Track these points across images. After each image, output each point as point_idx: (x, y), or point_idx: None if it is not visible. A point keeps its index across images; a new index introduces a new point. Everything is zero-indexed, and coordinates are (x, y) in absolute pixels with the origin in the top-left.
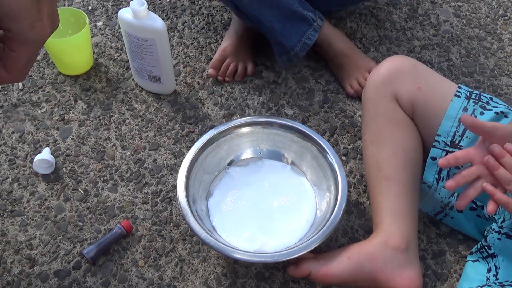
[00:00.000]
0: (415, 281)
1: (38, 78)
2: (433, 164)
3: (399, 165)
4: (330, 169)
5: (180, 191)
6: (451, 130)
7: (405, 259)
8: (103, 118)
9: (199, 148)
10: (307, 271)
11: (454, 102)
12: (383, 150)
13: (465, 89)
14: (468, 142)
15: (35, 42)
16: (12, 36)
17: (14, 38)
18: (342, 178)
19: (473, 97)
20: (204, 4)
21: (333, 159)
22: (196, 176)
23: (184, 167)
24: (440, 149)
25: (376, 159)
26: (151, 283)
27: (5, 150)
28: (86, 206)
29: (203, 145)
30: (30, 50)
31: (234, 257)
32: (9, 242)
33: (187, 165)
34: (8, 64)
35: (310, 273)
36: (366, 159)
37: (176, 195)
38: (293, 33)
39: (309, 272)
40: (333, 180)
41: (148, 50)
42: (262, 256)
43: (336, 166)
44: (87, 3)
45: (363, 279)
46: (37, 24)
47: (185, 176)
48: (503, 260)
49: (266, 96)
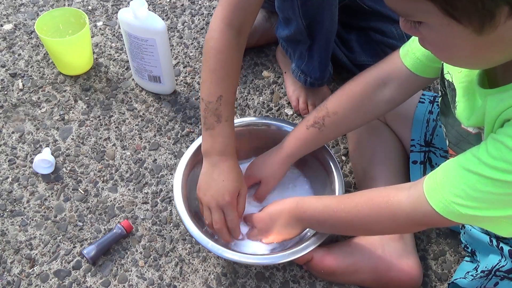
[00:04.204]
0: (415, 269)
1: (38, 78)
2: (416, 167)
3: (381, 165)
4: (327, 170)
5: (176, 190)
6: (422, 132)
7: (402, 248)
8: (103, 118)
9: (197, 147)
10: (309, 255)
11: (419, 107)
12: (365, 155)
13: (428, 95)
14: (439, 140)
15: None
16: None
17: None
18: (339, 179)
19: (437, 101)
20: (204, 4)
21: (330, 161)
22: (194, 177)
23: (181, 166)
24: (418, 152)
25: (361, 166)
26: (151, 283)
27: (5, 150)
28: (86, 206)
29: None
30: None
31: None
32: (9, 242)
33: (185, 164)
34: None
35: (312, 258)
36: (354, 166)
37: (173, 194)
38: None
39: (311, 257)
40: (330, 180)
41: (148, 50)
42: (258, 258)
43: (333, 167)
44: (87, 3)
45: (363, 269)
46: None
47: (182, 175)
48: (479, 252)
49: (266, 96)
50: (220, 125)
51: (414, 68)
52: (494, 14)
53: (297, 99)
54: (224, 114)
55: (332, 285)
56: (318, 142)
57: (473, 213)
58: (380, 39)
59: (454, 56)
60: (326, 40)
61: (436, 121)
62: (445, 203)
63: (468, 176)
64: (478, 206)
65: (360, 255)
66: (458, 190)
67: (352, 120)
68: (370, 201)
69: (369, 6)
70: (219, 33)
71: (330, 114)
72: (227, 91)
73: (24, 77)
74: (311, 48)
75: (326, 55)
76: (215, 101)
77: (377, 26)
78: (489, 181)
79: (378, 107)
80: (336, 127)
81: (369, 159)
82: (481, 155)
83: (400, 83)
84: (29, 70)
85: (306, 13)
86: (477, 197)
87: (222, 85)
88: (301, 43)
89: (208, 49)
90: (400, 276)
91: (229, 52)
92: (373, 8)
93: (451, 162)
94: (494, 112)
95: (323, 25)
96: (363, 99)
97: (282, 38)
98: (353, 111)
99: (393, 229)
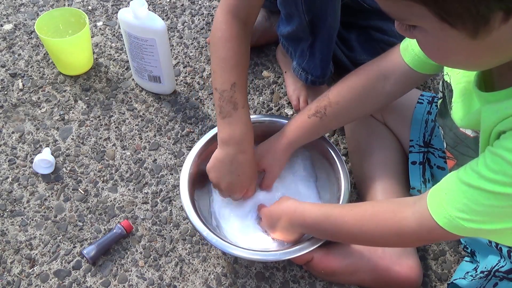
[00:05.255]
0: (415, 270)
1: (38, 78)
2: (415, 168)
3: (380, 165)
4: (332, 169)
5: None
6: (420, 132)
7: (402, 248)
8: (103, 118)
9: (205, 142)
10: (310, 256)
11: (417, 108)
12: (364, 156)
13: (427, 95)
14: (437, 141)
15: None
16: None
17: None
18: (345, 178)
19: (435, 101)
20: (204, 4)
21: (336, 159)
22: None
23: (188, 162)
24: (416, 153)
25: (360, 166)
26: (151, 283)
27: (5, 150)
28: (86, 206)
29: (209, 139)
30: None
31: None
32: (9, 242)
33: (191, 160)
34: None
35: (312, 259)
36: (353, 166)
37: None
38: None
39: (312, 257)
40: (336, 180)
41: (148, 50)
42: (264, 255)
43: (339, 166)
44: (87, 3)
45: (363, 269)
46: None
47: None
48: (478, 252)
49: (266, 96)
50: (237, 112)
51: (412, 64)
52: (488, 19)
53: (297, 99)
54: (240, 101)
55: (332, 285)
56: (319, 131)
57: (477, 227)
58: (380, 38)
59: (448, 60)
60: (328, 37)
61: (435, 121)
62: (449, 218)
63: (469, 191)
64: (481, 219)
65: (360, 255)
66: (461, 205)
67: (353, 111)
68: (376, 217)
69: (370, 5)
70: (225, 24)
71: (332, 104)
72: (240, 78)
73: (24, 77)
74: (312, 46)
75: (328, 52)
76: (230, 89)
77: (378, 24)
78: (490, 195)
79: (378, 99)
80: (337, 117)
81: (368, 159)
82: (481, 169)
83: (399, 77)
84: (29, 70)
85: (309, 9)
86: (480, 211)
87: (235, 72)
88: (303, 41)
89: (216, 40)
90: (400, 276)
91: (238, 40)
92: (374, 6)
93: (452, 177)
94: (489, 123)
95: (326, 22)
96: (364, 91)
97: (283, 35)
98: (354, 102)
99: (398, 243)
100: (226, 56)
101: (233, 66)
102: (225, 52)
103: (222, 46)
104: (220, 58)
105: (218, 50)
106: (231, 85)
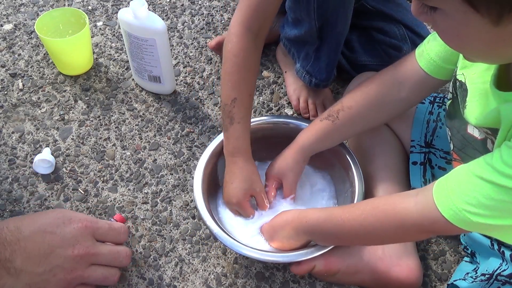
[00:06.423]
0: (415, 271)
1: (38, 78)
2: (416, 168)
3: (381, 165)
4: (346, 170)
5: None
6: (422, 132)
7: (402, 248)
8: (103, 118)
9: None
10: (312, 265)
11: (419, 108)
12: (365, 156)
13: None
14: (439, 141)
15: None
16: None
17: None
18: (359, 179)
19: (437, 101)
20: (204, 4)
21: (350, 161)
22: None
23: (204, 158)
24: (417, 153)
25: (361, 166)
26: (151, 283)
27: (5, 150)
28: (86, 206)
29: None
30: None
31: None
32: None
33: (207, 157)
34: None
35: (314, 267)
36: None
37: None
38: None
39: (314, 266)
40: (349, 181)
41: (148, 50)
42: (275, 256)
43: (353, 167)
44: (87, 3)
45: (363, 269)
46: None
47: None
48: (479, 254)
49: (266, 96)
50: (232, 127)
51: (428, 69)
52: None
53: (297, 99)
54: (237, 116)
55: (332, 286)
56: (333, 136)
57: (484, 221)
58: (382, 39)
59: (466, 46)
60: (336, 42)
61: (437, 122)
62: (455, 210)
63: (481, 184)
64: (490, 214)
65: (360, 256)
66: (470, 198)
67: (367, 116)
68: (376, 209)
69: (373, 6)
70: (237, 36)
71: (345, 108)
72: (242, 93)
73: (24, 77)
74: (318, 50)
75: (334, 57)
76: (230, 104)
77: (380, 26)
78: (502, 190)
79: (393, 106)
80: (351, 122)
81: (370, 159)
82: (495, 163)
83: (414, 84)
84: (29, 70)
85: (321, 15)
86: (490, 205)
87: (237, 88)
88: (308, 44)
89: (225, 52)
90: (400, 276)
91: (245, 55)
92: (377, 8)
93: (462, 169)
94: (509, 119)
95: (335, 28)
96: (378, 97)
97: (288, 38)
98: (368, 107)
99: (400, 237)
100: (232, 71)
101: (236, 82)
102: (231, 66)
103: (229, 60)
104: (226, 72)
105: (225, 63)
106: (231, 100)
